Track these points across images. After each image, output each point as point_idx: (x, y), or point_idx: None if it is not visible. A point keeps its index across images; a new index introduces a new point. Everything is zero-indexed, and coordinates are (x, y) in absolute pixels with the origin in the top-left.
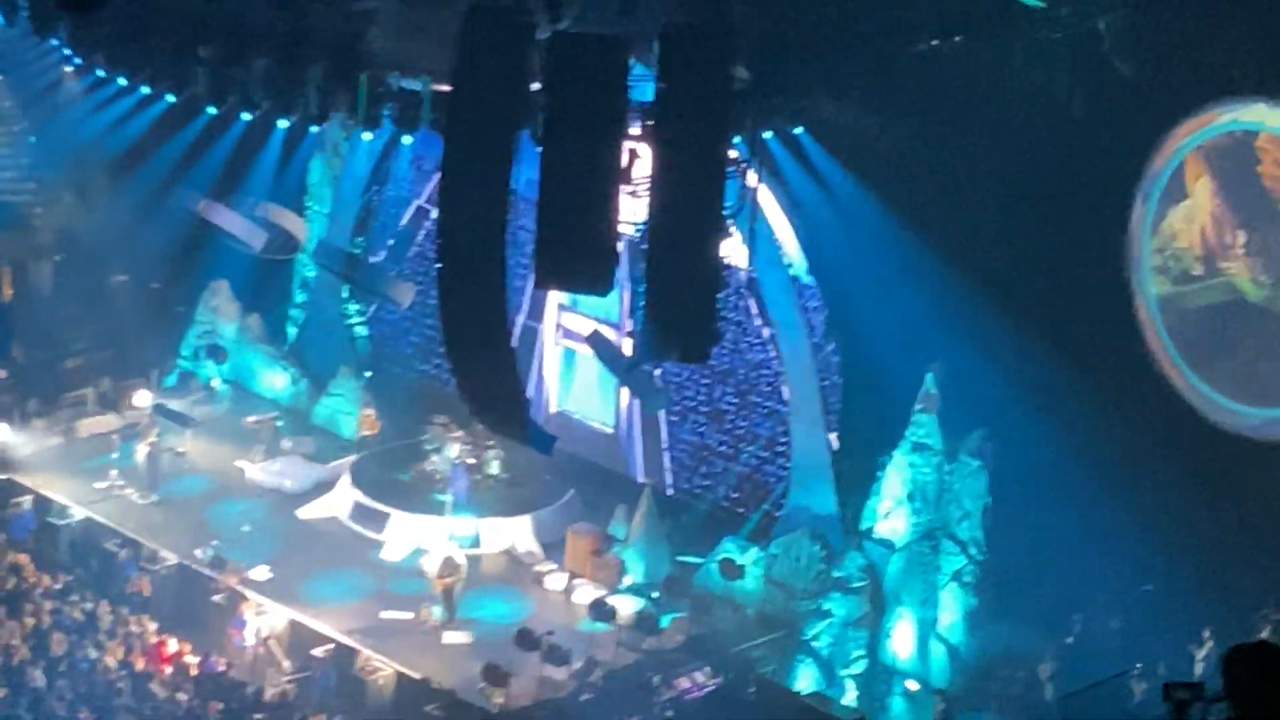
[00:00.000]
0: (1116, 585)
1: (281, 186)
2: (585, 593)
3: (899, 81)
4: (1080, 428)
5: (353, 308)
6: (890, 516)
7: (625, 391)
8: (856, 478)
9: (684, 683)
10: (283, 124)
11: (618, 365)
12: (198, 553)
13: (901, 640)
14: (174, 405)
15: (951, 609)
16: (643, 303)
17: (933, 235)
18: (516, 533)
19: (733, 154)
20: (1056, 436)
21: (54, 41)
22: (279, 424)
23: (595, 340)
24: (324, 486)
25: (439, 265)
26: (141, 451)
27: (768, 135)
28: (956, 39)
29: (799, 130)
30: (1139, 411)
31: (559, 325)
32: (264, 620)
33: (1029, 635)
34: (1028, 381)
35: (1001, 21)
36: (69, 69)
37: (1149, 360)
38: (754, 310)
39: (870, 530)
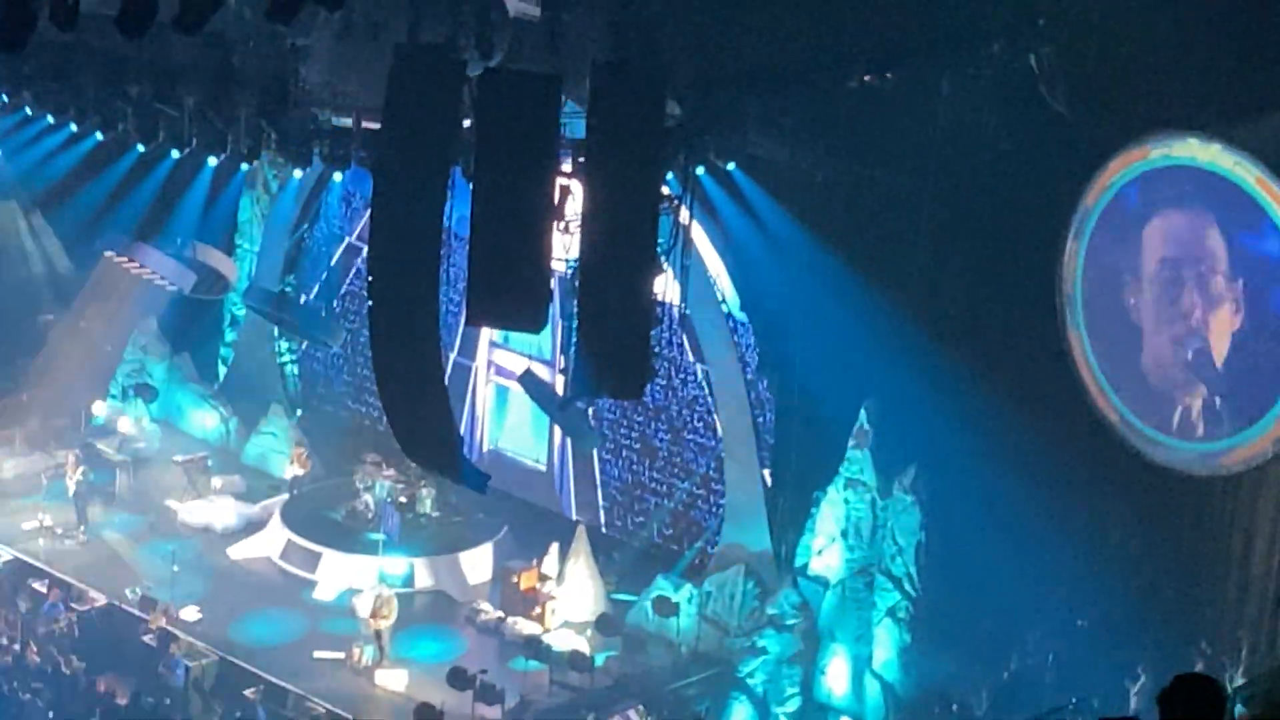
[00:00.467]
0: (1051, 620)
1: (210, 224)
2: (518, 631)
3: (831, 117)
4: (1014, 462)
5: (284, 346)
6: (824, 553)
7: (559, 429)
8: (790, 514)
9: None
10: (212, 161)
11: (551, 405)
12: (127, 593)
13: (836, 677)
14: (103, 445)
15: (886, 645)
16: (576, 340)
17: (866, 270)
18: (449, 571)
19: (665, 190)
20: (990, 471)
21: None
22: (209, 463)
23: (527, 380)
24: (255, 526)
25: (370, 303)
26: (70, 491)
27: (700, 171)
28: (888, 75)
29: (731, 166)
30: (1073, 446)
31: (491, 362)
32: (195, 660)
33: (964, 671)
34: (961, 417)
35: (932, 58)
36: None
37: (1083, 395)
38: (687, 347)
39: (804, 567)
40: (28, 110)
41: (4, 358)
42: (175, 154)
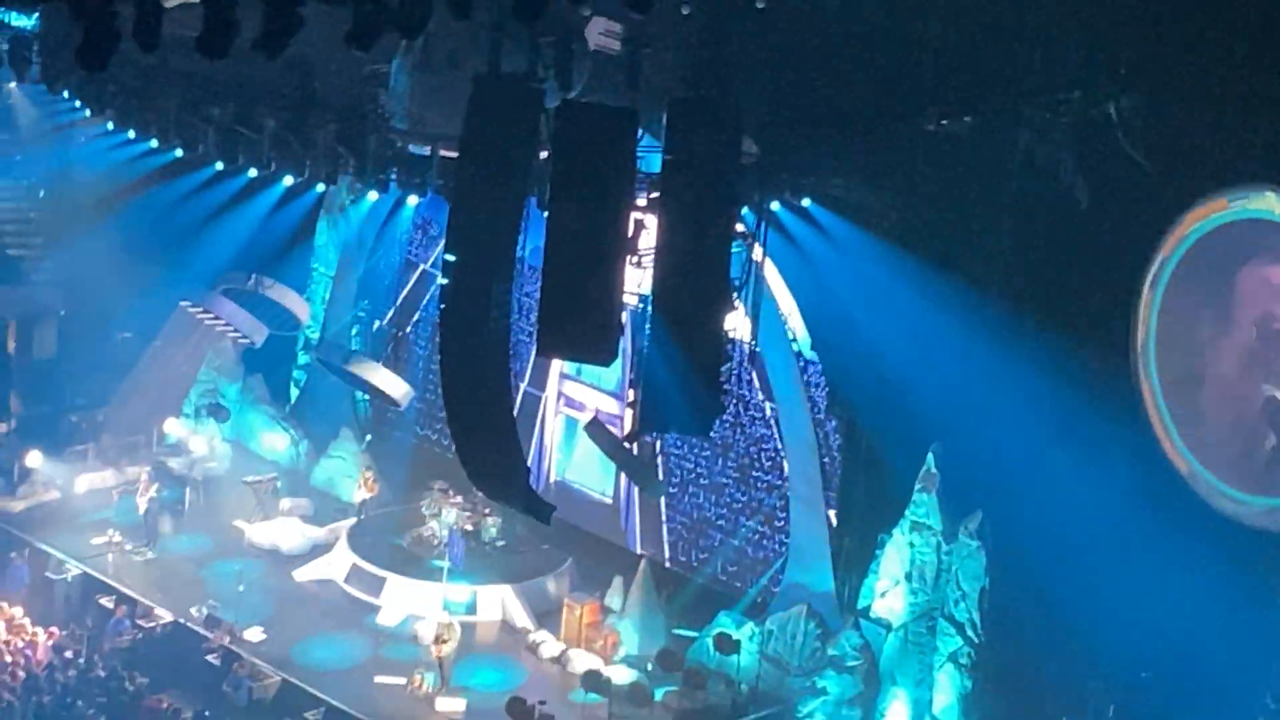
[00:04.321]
0: (1113, 671)
1: (275, 243)
2: (579, 663)
3: (906, 159)
4: (1082, 512)
5: None
6: (887, 596)
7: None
8: (854, 556)
9: None
10: (288, 181)
11: (618, 454)
12: (193, 611)
13: None
14: (174, 463)
15: (946, 691)
16: (645, 374)
17: (938, 313)
18: (512, 601)
19: (739, 227)
20: (1058, 519)
21: (64, 94)
22: (278, 485)
23: (594, 429)
24: (321, 549)
25: (442, 331)
26: (140, 508)
27: (776, 206)
28: (965, 119)
29: (808, 201)
30: (1143, 496)
31: (561, 394)
32: (257, 681)
33: (1025, 719)
34: (1030, 463)
35: (1011, 103)
36: (79, 121)
37: (1154, 445)
38: (756, 385)
39: (867, 609)
40: (109, 125)
41: (80, 374)
42: (253, 173)
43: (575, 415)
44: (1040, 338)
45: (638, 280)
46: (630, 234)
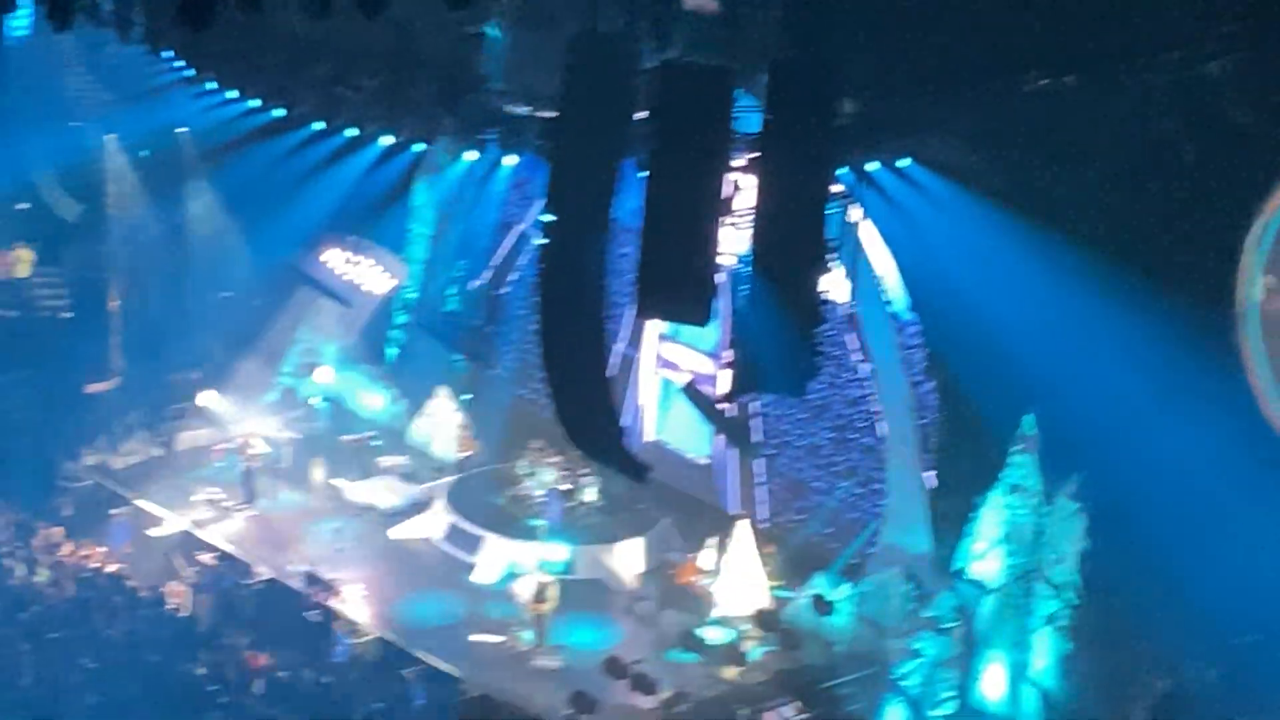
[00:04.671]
0: (1216, 634)
1: (381, 208)
2: (675, 623)
3: (1007, 119)
4: (1182, 474)
5: None
6: (985, 557)
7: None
8: (951, 517)
9: (771, 717)
10: (384, 141)
11: (714, 415)
12: (291, 569)
13: (992, 682)
14: (273, 421)
15: (1044, 653)
16: (742, 335)
17: (1037, 275)
18: (609, 560)
19: (836, 188)
20: (1158, 481)
21: (167, 54)
22: (376, 443)
23: (691, 392)
24: (418, 507)
25: (540, 291)
26: (239, 466)
27: (875, 166)
28: (1066, 79)
29: (907, 162)
30: (1244, 459)
31: (657, 354)
32: (356, 638)
33: (1124, 682)
34: (1130, 425)
35: (1112, 63)
36: (180, 81)
37: (1256, 409)
38: (853, 346)
39: (964, 570)
40: (211, 84)
41: (180, 333)
42: (353, 132)
43: (671, 376)
44: (1141, 298)
45: (735, 241)
46: (728, 195)
